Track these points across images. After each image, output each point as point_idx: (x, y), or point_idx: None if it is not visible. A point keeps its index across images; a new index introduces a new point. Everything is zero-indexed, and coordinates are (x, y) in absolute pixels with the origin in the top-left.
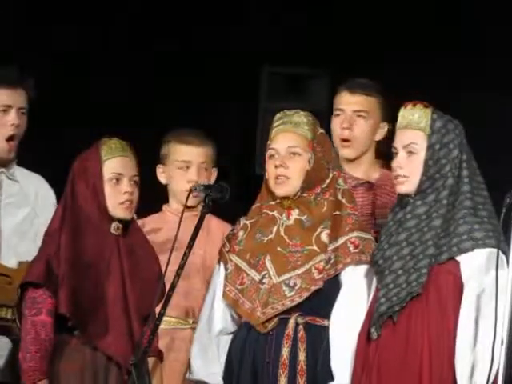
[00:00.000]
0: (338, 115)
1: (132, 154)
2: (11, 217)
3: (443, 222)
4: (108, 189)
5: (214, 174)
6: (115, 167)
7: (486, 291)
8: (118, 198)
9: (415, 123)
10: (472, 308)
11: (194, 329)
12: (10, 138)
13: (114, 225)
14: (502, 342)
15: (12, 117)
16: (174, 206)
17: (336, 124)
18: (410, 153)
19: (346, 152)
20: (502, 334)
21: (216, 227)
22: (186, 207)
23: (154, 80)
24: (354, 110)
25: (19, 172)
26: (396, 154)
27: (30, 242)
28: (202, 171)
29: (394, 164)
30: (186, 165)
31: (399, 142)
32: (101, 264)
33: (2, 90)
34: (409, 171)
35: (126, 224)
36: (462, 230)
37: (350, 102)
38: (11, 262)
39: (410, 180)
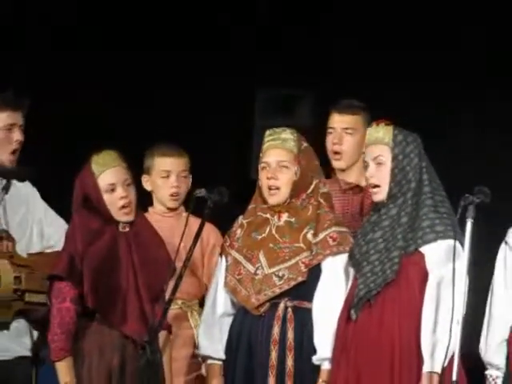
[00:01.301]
0: (330, 133)
1: (121, 161)
2: (15, 215)
3: (409, 219)
4: (106, 198)
5: (190, 180)
6: (107, 179)
7: (445, 279)
8: (116, 204)
9: (380, 139)
10: (434, 293)
11: (181, 309)
12: (13, 152)
13: (121, 225)
14: (458, 322)
15: (16, 134)
16: (157, 208)
17: (329, 140)
18: (379, 164)
19: (337, 164)
20: (459, 316)
21: (196, 226)
22: (170, 209)
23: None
24: (342, 128)
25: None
26: (367, 166)
27: (26, 237)
28: (181, 178)
29: (367, 174)
30: (167, 174)
31: (369, 156)
32: (114, 259)
33: (7, 112)
34: (379, 180)
35: (133, 221)
36: (425, 224)
37: (338, 121)
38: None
39: (382, 188)
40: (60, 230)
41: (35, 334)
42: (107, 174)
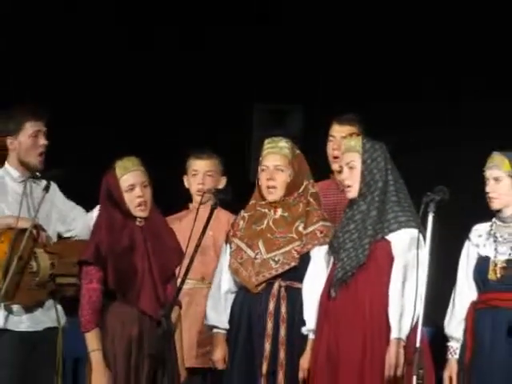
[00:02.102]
0: (331, 140)
1: (140, 165)
2: (42, 210)
3: (377, 212)
4: (126, 197)
5: (223, 180)
6: (128, 180)
7: (409, 262)
8: (134, 202)
9: (352, 147)
10: (400, 274)
11: (208, 288)
12: (40, 154)
13: (138, 220)
14: (421, 297)
15: (41, 139)
16: (194, 203)
17: (329, 147)
18: (351, 168)
19: (336, 166)
20: (421, 292)
21: (223, 216)
22: (201, 203)
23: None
24: (341, 137)
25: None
26: (341, 170)
27: (52, 228)
28: (207, 177)
29: (342, 177)
30: (196, 173)
31: (343, 161)
32: (132, 248)
33: (33, 121)
34: (351, 181)
35: (148, 217)
36: (390, 216)
37: (338, 131)
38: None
39: (354, 187)
40: (79, 215)
41: (59, 308)
42: (128, 176)
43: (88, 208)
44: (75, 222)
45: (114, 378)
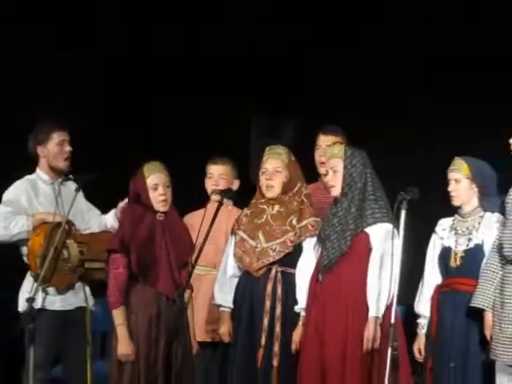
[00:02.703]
0: (317, 148)
1: (163, 168)
2: (71, 208)
3: (357, 209)
4: (151, 194)
5: (236, 182)
6: (153, 180)
7: (385, 251)
8: (157, 199)
9: (336, 154)
10: (377, 262)
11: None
12: (66, 159)
13: (158, 214)
14: (395, 281)
15: (67, 147)
16: (211, 202)
17: (316, 154)
18: (335, 171)
19: (322, 170)
20: (395, 276)
21: (234, 212)
22: (220, 202)
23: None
24: (326, 145)
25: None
26: (327, 174)
27: (77, 223)
28: (220, 180)
29: (327, 179)
30: (211, 175)
31: (328, 166)
32: (152, 238)
33: (60, 131)
34: (335, 182)
35: (167, 213)
36: (368, 213)
37: (323, 140)
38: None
39: (337, 187)
40: (94, 215)
41: (87, 290)
42: (153, 177)
43: (101, 208)
44: (91, 221)
45: (137, 349)
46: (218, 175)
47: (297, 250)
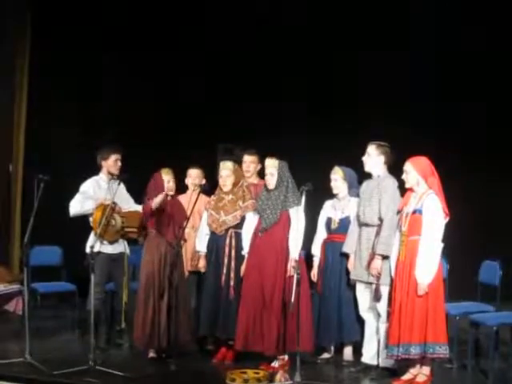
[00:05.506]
0: (244, 162)
1: (172, 173)
2: (116, 196)
3: (284, 196)
4: (166, 186)
5: (204, 181)
6: (166, 178)
7: (297, 219)
8: (169, 188)
9: (272, 163)
10: (294, 225)
11: (196, 233)
12: (118, 169)
13: (168, 197)
14: (301, 236)
15: (119, 162)
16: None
17: (243, 166)
18: (271, 174)
19: (248, 174)
20: (301, 233)
21: (205, 198)
22: (199, 193)
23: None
24: (249, 161)
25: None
26: (267, 175)
27: (123, 204)
28: (197, 179)
29: (266, 178)
30: (190, 176)
31: (267, 171)
32: (163, 209)
33: (115, 154)
34: (272, 180)
35: (172, 196)
36: (289, 200)
37: (246, 158)
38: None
39: (272, 183)
40: (131, 201)
41: (125, 243)
42: (167, 177)
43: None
44: (129, 204)
45: (152, 272)
46: (195, 176)
47: (242, 220)
